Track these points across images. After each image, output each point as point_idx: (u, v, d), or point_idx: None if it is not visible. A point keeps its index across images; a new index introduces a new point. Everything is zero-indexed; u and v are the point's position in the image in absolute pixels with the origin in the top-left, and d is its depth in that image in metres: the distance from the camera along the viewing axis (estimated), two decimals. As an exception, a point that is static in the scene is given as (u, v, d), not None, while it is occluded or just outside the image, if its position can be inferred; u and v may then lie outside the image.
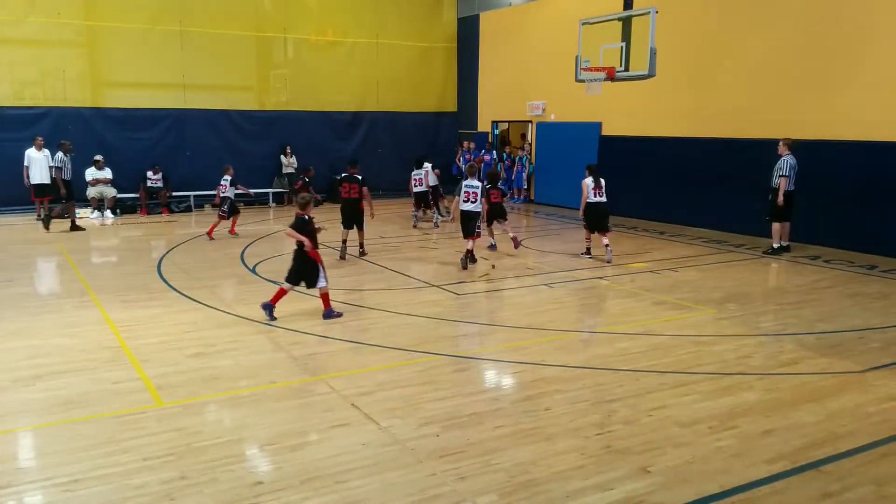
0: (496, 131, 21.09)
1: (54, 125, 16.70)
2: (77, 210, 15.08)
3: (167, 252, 12.37)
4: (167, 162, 17.75)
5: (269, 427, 5.26)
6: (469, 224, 11.12)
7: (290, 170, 19.19)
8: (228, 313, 8.37)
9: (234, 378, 6.30)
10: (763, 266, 11.62)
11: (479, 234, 11.31)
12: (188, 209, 17.93)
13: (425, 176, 15.24)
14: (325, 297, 8.24)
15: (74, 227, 14.49)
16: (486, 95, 21.10)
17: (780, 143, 12.17)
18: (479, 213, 11.16)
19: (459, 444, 4.96)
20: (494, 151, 19.54)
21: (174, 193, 17.83)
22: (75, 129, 16.76)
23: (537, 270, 11.06)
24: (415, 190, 15.29)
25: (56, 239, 13.65)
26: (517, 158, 19.52)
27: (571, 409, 5.59)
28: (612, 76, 13.00)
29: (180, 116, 18.12)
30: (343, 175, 12.02)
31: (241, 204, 15.51)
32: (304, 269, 8.11)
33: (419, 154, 16.57)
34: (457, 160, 19.88)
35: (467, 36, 21.51)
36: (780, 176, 12.06)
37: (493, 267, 11.28)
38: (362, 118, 20.57)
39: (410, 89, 21.14)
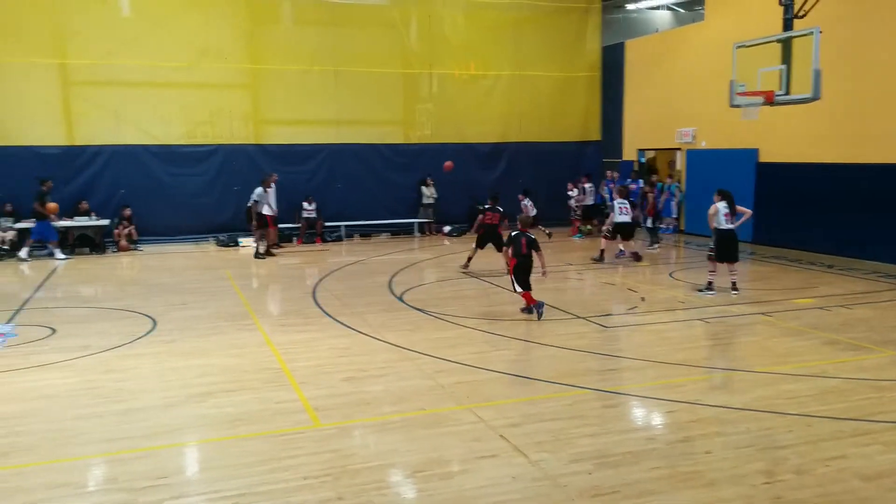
0: (642, 159, 20.55)
1: (223, 161, 18.09)
2: (240, 239, 16.20)
3: (321, 279, 12.96)
4: (321, 193, 18.70)
5: (419, 454, 5.31)
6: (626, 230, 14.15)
7: (430, 200, 19.63)
8: (378, 339, 8.60)
9: (385, 403, 6.44)
10: (950, 304, 10.46)
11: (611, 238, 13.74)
12: (339, 238, 18.74)
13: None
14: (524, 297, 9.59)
15: (260, 255, 15.69)
16: (632, 123, 20.65)
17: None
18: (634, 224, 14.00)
19: (614, 483, 4.78)
20: (641, 181, 19.02)
21: (327, 224, 18.72)
22: (240, 165, 18.05)
23: (689, 304, 10.57)
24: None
25: (224, 265, 14.67)
26: (666, 187, 18.90)
27: (734, 454, 5.23)
28: (770, 100, 12.31)
29: (333, 151, 19.06)
30: (486, 206, 13.38)
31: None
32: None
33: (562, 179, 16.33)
34: (600, 189, 19.53)
35: (612, 64, 21.20)
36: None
37: (643, 300, 10.90)
38: (504, 149, 20.72)
39: (552, 119, 21.07)
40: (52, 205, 15.40)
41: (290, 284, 13.08)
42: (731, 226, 11.05)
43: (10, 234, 15.82)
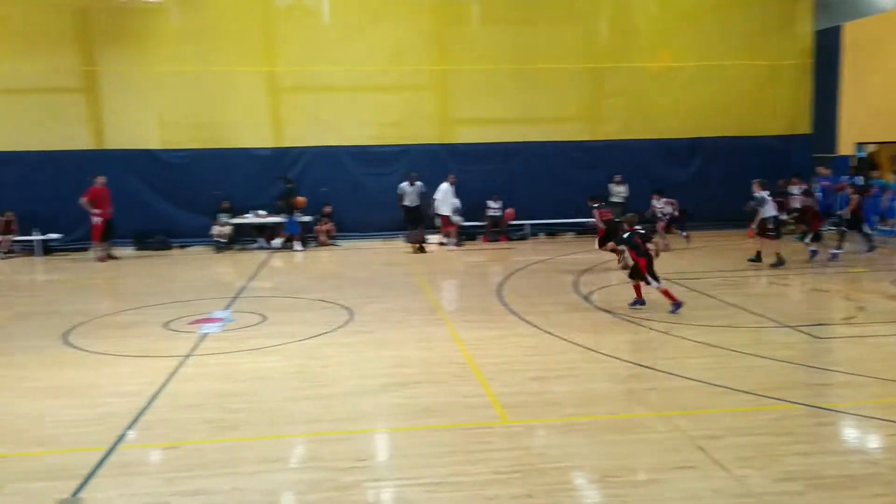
0: (861, 154, 18.57)
1: (412, 161, 18.77)
2: (426, 236, 16.86)
3: (506, 277, 13.04)
4: (505, 192, 18.84)
5: (610, 459, 5.16)
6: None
7: (619, 199, 19.05)
8: (564, 339, 8.47)
9: (573, 405, 6.33)
10: None
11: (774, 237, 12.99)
12: (524, 237, 18.78)
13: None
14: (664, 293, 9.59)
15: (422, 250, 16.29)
16: (849, 114, 18.70)
17: None
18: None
19: (830, 508, 4.33)
20: (860, 178, 17.22)
21: (512, 222, 18.82)
22: (428, 164, 18.63)
23: (917, 315, 9.39)
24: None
25: (411, 261, 15.24)
26: (892, 185, 16.96)
27: (980, 488, 4.55)
28: None
29: (519, 149, 19.10)
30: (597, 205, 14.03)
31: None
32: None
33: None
34: (810, 186, 17.88)
35: (826, 50, 19.34)
36: None
37: (861, 309, 9.84)
38: (699, 144, 19.65)
39: (754, 112, 19.61)
40: (300, 199, 17.04)
41: (476, 281, 13.29)
42: None
43: (227, 229, 17.50)
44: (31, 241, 17.07)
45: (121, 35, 17.63)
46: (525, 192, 19.06)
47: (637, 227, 9.93)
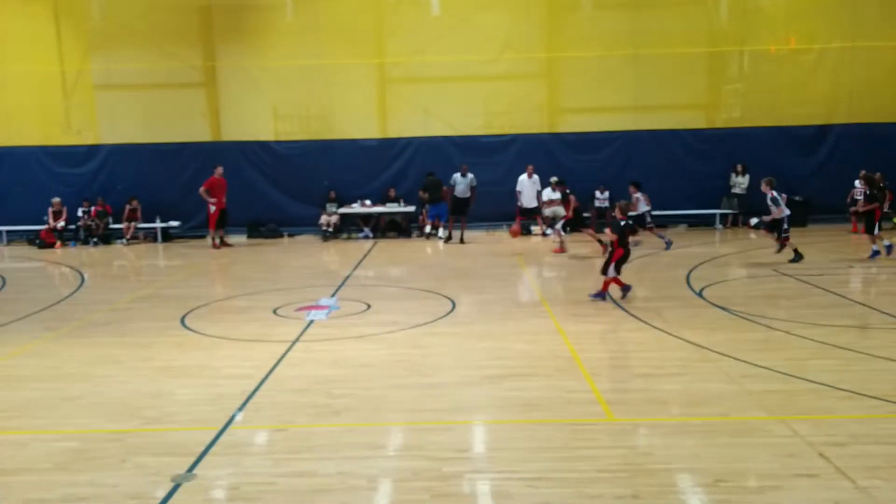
0: None
1: (519, 151, 18.58)
2: (532, 227, 16.67)
3: (612, 270, 12.67)
4: (614, 183, 18.32)
5: (722, 462, 4.89)
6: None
7: (739, 190, 18.15)
8: (675, 336, 8.12)
9: (683, 404, 6.06)
10: None
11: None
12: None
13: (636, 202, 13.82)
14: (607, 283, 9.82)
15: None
16: None
17: None
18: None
19: (976, 530, 3.91)
20: None
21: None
22: (536, 154, 18.37)
23: None
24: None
25: (515, 252, 15.09)
26: None
27: None
28: None
29: (630, 138, 18.53)
30: None
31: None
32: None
33: None
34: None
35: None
36: None
37: None
38: (828, 132, 18.38)
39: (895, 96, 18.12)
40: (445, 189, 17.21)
41: (581, 274, 12.96)
42: None
43: (334, 218, 17.95)
44: (153, 228, 18.15)
45: (240, 31, 18.44)
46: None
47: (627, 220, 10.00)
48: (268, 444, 5.51)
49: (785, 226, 12.39)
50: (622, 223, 9.95)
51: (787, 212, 12.42)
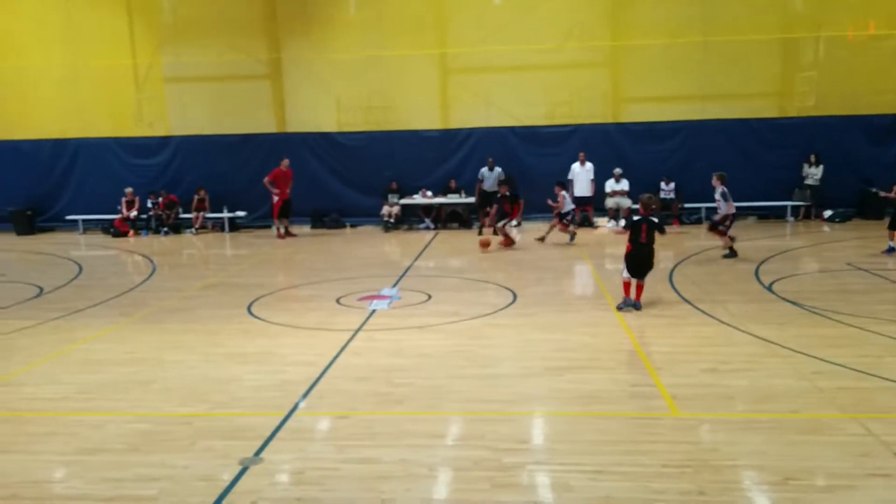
0: None
1: (582, 141, 18.32)
2: (594, 219, 16.42)
3: (678, 263, 12.41)
4: (679, 173, 17.91)
5: (791, 460, 4.75)
6: None
7: (812, 181, 17.49)
8: (742, 331, 7.90)
9: (750, 400, 5.90)
10: None
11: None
12: (698, 221, 17.77)
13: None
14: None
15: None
16: None
17: None
18: None
19: None
20: None
21: (685, 205, 17.90)
22: (599, 144, 18.10)
23: None
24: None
25: (577, 243, 14.89)
26: None
27: None
28: None
29: (696, 127, 18.05)
30: None
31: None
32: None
33: None
34: None
35: None
36: None
37: None
38: (910, 121, 17.55)
39: None
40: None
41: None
42: None
43: (395, 209, 18.08)
44: (220, 217, 18.64)
45: (304, 24, 18.71)
46: (702, 173, 17.96)
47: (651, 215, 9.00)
48: (331, 431, 5.61)
49: (728, 222, 12.38)
50: (635, 219, 9.14)
51: (734, 210, 12.49)
